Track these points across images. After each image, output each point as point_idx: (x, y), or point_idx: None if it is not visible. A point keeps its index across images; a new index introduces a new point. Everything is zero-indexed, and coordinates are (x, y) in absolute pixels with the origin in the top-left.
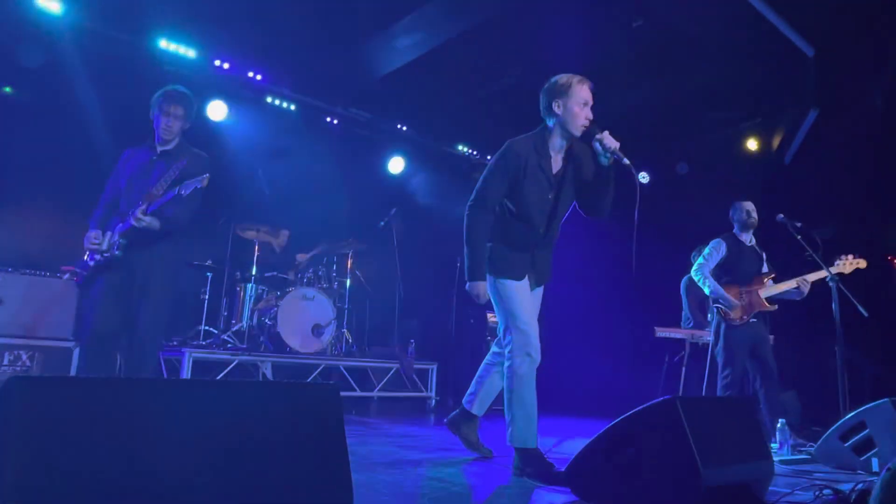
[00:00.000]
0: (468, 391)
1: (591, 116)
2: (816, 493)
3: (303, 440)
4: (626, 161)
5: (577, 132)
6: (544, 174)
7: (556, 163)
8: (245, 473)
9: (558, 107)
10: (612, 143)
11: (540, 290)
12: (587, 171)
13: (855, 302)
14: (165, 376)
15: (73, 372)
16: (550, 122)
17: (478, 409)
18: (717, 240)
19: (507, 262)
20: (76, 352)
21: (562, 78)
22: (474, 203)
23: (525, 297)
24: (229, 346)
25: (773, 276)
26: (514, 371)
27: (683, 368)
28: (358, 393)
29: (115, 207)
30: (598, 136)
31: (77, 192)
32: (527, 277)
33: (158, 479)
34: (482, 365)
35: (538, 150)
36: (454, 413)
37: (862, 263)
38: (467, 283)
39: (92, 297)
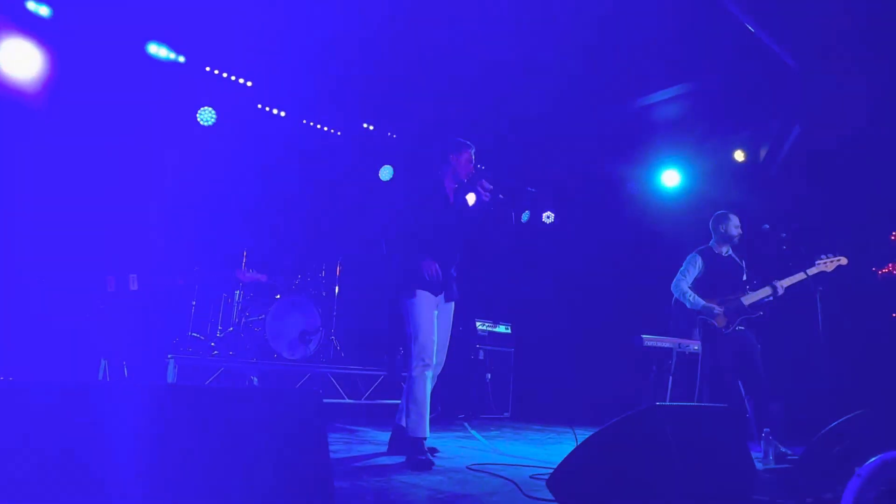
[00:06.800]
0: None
1: (470, 170)
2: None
3: (284, 446)
4: (501, 196)
5: (463, 178)
6: (443, 202)
7: (450, 196)
8: (225, 478)
9: (453, 158)
10: (489, 186)
11: (451, 306)
12: (471, 207)
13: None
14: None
15: None
16: (446, 167)
17: None
18: (692, 254)
19: (423, 278)
20: None
21: (458, 140)
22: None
23: (428, 311)
24: (216, 352)
25: (753, 283)
26: (411, 375)
27: (670, 377)
28: (345, 400)
29: None
30: (479, 182)
31: None
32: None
33: (140, 479)
34: None
35: (439, 184)
36: None
37: (843, 260)
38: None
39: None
